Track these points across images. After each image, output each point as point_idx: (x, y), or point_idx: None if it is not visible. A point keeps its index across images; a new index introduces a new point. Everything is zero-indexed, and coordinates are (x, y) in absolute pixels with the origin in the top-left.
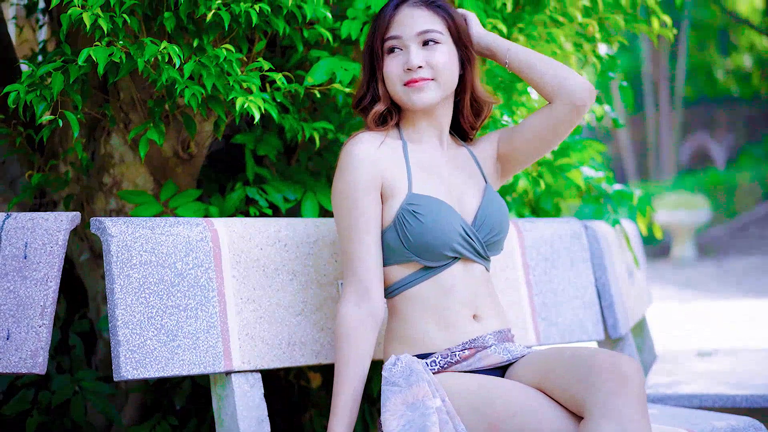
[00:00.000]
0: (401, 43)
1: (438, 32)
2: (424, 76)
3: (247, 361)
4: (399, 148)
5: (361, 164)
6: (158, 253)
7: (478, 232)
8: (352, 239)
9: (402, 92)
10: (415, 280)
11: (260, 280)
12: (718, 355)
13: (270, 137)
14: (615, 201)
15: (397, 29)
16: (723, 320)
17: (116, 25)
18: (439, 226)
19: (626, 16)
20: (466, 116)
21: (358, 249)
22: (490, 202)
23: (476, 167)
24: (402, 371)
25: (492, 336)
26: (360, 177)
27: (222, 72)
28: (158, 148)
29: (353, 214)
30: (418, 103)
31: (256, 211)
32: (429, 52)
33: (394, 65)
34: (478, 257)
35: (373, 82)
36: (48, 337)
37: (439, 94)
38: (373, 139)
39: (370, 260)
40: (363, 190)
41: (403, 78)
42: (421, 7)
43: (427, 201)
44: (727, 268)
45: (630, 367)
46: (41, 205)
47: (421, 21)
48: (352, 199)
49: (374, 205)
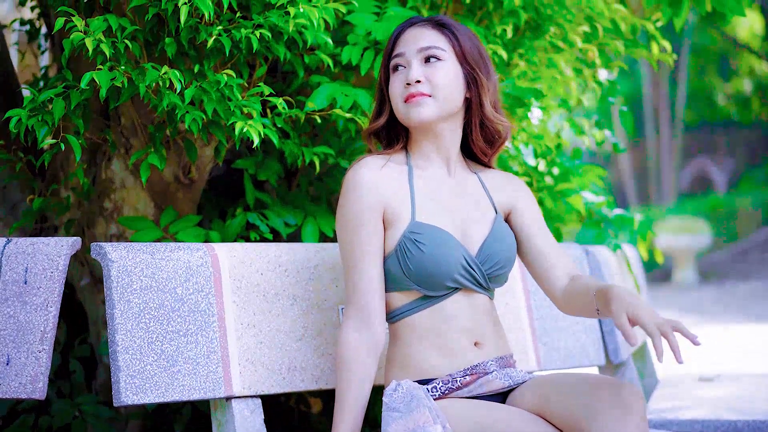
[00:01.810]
0: (404, 60)
1: (440, 49)
2: (422, 91)
3: (248, 386)
4: (404, 173)
5: (363, 190)
6: (158, 278)
7: (482, 264)
8: (355, 266)
9: (403, 108)
10: (416, 308)
11: (260, 305)
12: (720, 381)
13: (271, 162)
14: (616, 226)
15: (402, 47)
16: (725, 345)
17: (118, 50)
18: (440, 257)
19: (626, 42)
20: (476, 140)
21: (359, 276)
22: (497, 234)
23: (486, 196)
24: (403, 397)
25: (494, 362)
26: (363, 203)
27: (223, 97)
28: (159, 173)
29: (355, 240)
30: (414, 118)
31: (257, 236)
32: (430, 69)
33: (397, 82)
34: (479, 288)
35: (382, 104)
36: (48, 362)
37: (436, 112)
38: (376, 164)
39: (372, 287)
40: (366, 217)
41: (404, 94)
42: (427, 26)
43: (429, 230)
44: (729, 292)
45: (631, 393)
46: (42, 230)
47: (425, 38)
48: (354, 225)
49: (377, 231)
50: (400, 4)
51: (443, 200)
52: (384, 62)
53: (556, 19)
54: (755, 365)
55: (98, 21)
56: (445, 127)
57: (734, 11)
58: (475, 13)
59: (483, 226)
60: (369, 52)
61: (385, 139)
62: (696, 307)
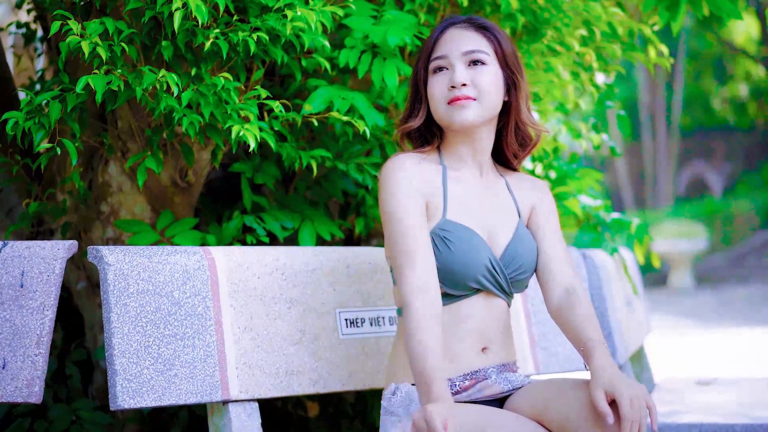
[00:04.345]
0: (447, 63)
1: (484, 53)
2: (468, 95)
3: (245, 390)
4: (439, 172)
5: (408, 173)
6: (155, 281)
7: (506, 267)
8: (408, 234)
9: (445, 111)
10: None
11: (258, 309)
12: (717, 385)
13: (268, 166)
14: (613, 229)
15: (444, 49)
16: (722, 349)
17: (114, 53)
18: (467, 256)
19: (623, 46)
20: (510, 143)
21: (415, 243)
22: (520, 238)
23: (512, 201)
24: (401, 401)
25: (494, 369)
26: (411, 185)
27: (220, 100)
28: (156, 177)
29: (409, 211)
30: (458, 121)
31: (253, 239)
32: (475, 72)
33: (439, 84)
34: (501, 292)
35: (418, 103)
36: (44, 366)
37: (480, 115)
38: (412, 160)
39: (427, 255)
40: (414, 193)
41: (447, 96)
42: (469, 28)
43: (459, 229)
44: (726, 296)
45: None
46: (38, 234)
47: (468, 41)
48: (406, 199)
49: (424, 212)
50: (397, 7)
51: (473, 202)
52: (422, 63)
53: (553, 22)
54: (752, 369)
55: (95, 24)
56: (482, 130)
57: (731, 14)
58: None
59: (507, 229)
60: (366, 56)
61: (417, 139)
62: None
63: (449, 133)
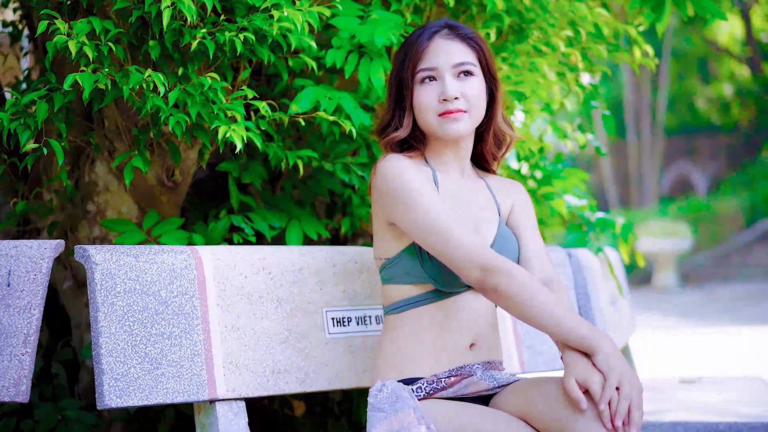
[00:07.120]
0: (437, 74)
1: (472, 64)
2: (460, 108)
3: (232, 389)
4: (429, 173)
5: (410, 165)
6: (142, 281)
7: None
8: (438, 203)
9: (436, 122)
10: (424, 300)
11: (245, 308)
12: (701, 383)
13: (255, 165)
14: (598, 229)
15: (432, 60)
16: (707, 348)
17: (101, 53)
18: None
19: (609, 46)
20: (489, 147)
21: (446, 213)
22: (504, 236)
23: (493, 201)
24: (388, 397)
25: (480, 366)
26: (416, 170)
27: (207, 100)
28: (143, 176)
29: (427, 188)
30: (452, 134)
31: (240, 238)
32: (463, 84)
33: (428, 95)
34: None
35: (399, 110)
36: (31, 365)
37: (471, 126)
38: (406, 159)
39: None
40: (426, 185)
41: (438, 109)
42: (455, 39)
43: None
44: (710, 295)
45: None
46: (25, 233)
47: (458, 53)
48: (418, 180)
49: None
50: (383, 7)
51: (461, 201)
52: (407, 72)
53: (539, 23)
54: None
55: (82, 23)
56: (468, 138)
57: (716, 15)
58: (458, 17)
59: (491, 228)
60: (353, 56)
61: (400, 144)
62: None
63: (434, 140)
